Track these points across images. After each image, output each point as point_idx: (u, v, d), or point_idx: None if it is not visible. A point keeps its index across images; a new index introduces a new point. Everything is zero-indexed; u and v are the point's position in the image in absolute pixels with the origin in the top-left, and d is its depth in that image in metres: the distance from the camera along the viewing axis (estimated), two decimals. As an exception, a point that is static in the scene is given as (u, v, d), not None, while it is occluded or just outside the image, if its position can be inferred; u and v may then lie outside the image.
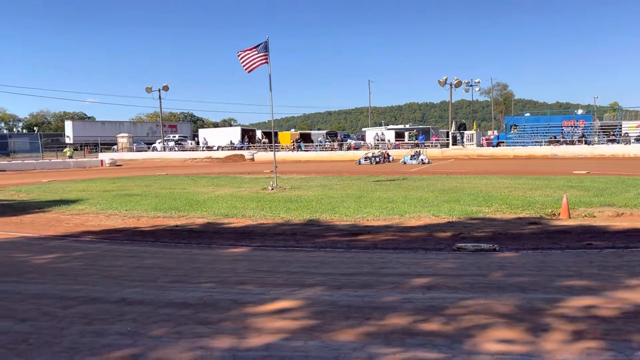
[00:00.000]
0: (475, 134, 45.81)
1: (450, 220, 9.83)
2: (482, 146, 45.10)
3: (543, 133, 45.04)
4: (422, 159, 33.01)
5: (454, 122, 47.54)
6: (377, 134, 52.34)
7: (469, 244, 7.34)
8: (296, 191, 16.12)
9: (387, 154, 36.55)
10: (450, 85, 47.70)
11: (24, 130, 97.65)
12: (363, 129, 65.46)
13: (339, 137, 56.05)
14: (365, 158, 35.15)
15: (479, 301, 4.64)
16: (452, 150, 42.99)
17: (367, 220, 10.07)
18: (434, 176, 21.27)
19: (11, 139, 62.60)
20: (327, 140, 52.44)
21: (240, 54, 16.24)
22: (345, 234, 8.74)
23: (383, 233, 8.79)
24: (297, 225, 9.78)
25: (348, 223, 9.81)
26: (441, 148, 44.34)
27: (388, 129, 56.04)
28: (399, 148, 45.93)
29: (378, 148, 41.33)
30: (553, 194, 13.18)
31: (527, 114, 56.99)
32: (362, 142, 53.15)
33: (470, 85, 56.04)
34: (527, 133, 45.63)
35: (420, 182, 18.31)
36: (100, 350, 3.72)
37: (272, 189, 16.46)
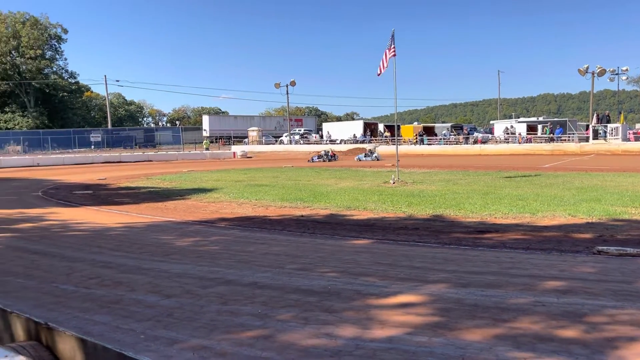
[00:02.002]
0: (620, 127, 41.34)
1: (590, 220, 9.02)
2: (629, 140, 40.59)
3: None
4: (375, 157, 34.25)
5: (595, 114, 43.36)
6: (507, 127, 49.50)
7: (612, 248, 6.68)
8: (418, 185, 15.87)
9: (333, 152, 36.67)
10: (592, 74, 43.58)
11: (168, 124, 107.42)
12: (491, 122, 62.29)
13: (464, 130, 53.97)
14: (319, 156, 35.21)
15: (624, 310, 4.22)
16: (593, 145, 39.28)
17: (495, 217, 9.61)
18: (571, 173, 19.62)
19: (157, 132, 69.28)
20: (452, 134, 50.79)
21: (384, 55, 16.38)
22: (471, 232, 8.43)
23: (512, 232, 8.33)
24: (419, 220, 9.64)
25: (474, 220, 9.44)
26: (580, 142, 40.73)
27: (519, 122, 52.70)
28: (530, 142, 43.05)
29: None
30: None
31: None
32: (489, 135, 50.64)
33: (616, 74, 50.56)
34: (685, 126, 40.12)
35: (555, 179, 17.01)
36: (235, 328, 4.01)
37: (394, 183, 16.38)
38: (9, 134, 55.11)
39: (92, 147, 54.06)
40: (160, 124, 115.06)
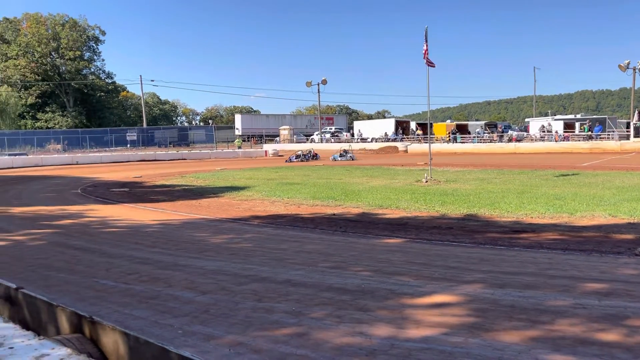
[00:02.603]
0: (663, 125, 39.86)
1: (632, 221, 8.73)
2: (673, 138, 39.06)
3: None
4: (350, 156, 34.01)
5: (636, 111, 41.90)
6: (542, 125, 48.36)
7: (656, 250, 6.45)
8: (452, 184, 15.67)
9: (315, 152, 36.04)
10: (634, 69, 42.06)
11: (201, 123, 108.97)
12: (526, 120, 60.97)
13: (499, 128, 53.00)
14: (296, 156, 34.55)
15: (669, 315, 4.07)
16: (634, 143, 37.98)
17: (531, 217, 9.40)
18: (611, 172, 19.03)
19: (191, 131, 70.42)
20: (486, 132, 49.94)
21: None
22: (507, 231, 8.27)
23: (549, 232, 8.14)
24: (453, 220, 9.52)
25: (510, 220, 9.27)
26: (620, 140, 39.45)
27: (556, 120, 51.40)
28: (567, 140, 41.94)
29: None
30: None
31: None
32: (525, 133, 49.58)
33: (659, 69, 48.70)
34: None
35: (594, 178, 16.53)
36: (269, 325, 4.05)
37: (427, 182, 16.21)
38: (49, 133, 56.95)
39: (128, 145, 55.37)
40: (193, 122, 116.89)
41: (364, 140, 53.19)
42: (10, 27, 72.06)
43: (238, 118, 73.36)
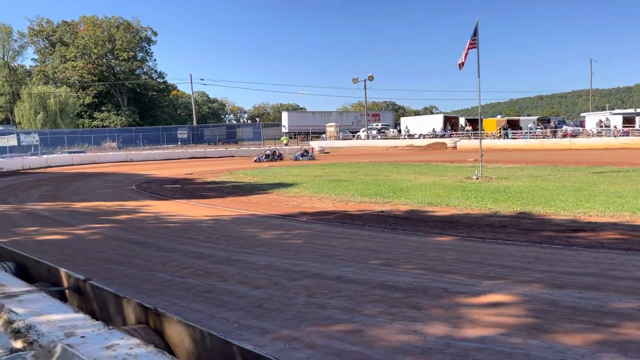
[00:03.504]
0: None
1: (701, 221, 8.25)
2: None
3: None
4: (311, 156, 33.96)
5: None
6: (600, 119, 46.32)
7: None
8: (504, 181, 15.26)
9: (280, 153, 34.75)
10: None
11: (248, 121, 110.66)
12: (582, 114, 58.55)
13: (552, 124, 51.14)
14: (266, 156, 33.39)
15: None
16: (700, 138, 35.84)
17: (589, 216, 9.03)
18: (675, 168, 18.02)
19: (239, 129, 71.60)
20: (539, 127, 48.28)
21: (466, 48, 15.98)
22: (563, 230, 7.98)
23: (609, 231, 7.79)
24: (506, 218, 9.27)
25: (566, 218, 8.94)
26: (684, 135, 37.29)
27: (614, 114, 49.12)
28: (627, 135, 40.01)
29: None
30: None
31: None
32: (580, 128, 47.63)
33: None
34: None
35: (657, 174, 15.70)
36: (323, 321, 4.07)
37: (477, 178, 15.86)
38: (105, 132, 59.29)
39: (179, 143, 56.92)
40: (241, 120, 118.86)
41: (411, 136, 52.55)
42: (69, 30, 75.36)
43: (285, 115, 73.98)
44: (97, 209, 12.35)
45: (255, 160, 32.60)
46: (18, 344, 2.30)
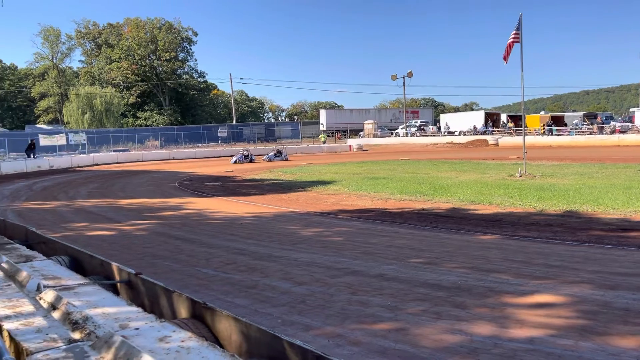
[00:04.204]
0: None
1: None
2: None
3: None
4: (284, 156, 33.23)
5: None
6: (651, 114, 44.34)
7: None
8: (548, 179, 14.83)
9: (251, 154, 32.89)
10: None
11: (286, 119, 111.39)
12: (631, 109, 56.17)
13: (599, 119, 49.34)
14: (245, 157, 31.77)
15: None
16: None
17: (642, 214, 8.68)
18: None
19: (277, 127, 72.16)
20: (585, 123, 46.67)
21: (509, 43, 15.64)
22: (613, 229, 7.70)
23: (664, 231, 7.47)
24: (552, 216, 9.01)
25: (616, 217, 8.62)
26: None
27: (665, 109, 46.95)
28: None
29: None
30: None
31: None
32: (630, 124, 45.76)
33: None
34: None
35: None
36: (366, 319, 4.06)
37: (520, 176, 15.48)
38: (148, 130, 60.84)
39: (219, 141, 57.83)
40: (279, 119, 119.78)
41: (451, 133, 51.72)
42: (114, 32, 77.70)
43: (323, 113, 74.09)
44: (142, 205, 12.70)
45: (232, 162, 30.86)
46: (76, 335, 2.39)
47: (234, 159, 31.74)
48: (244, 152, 32.75)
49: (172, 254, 6.88)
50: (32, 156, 31.55)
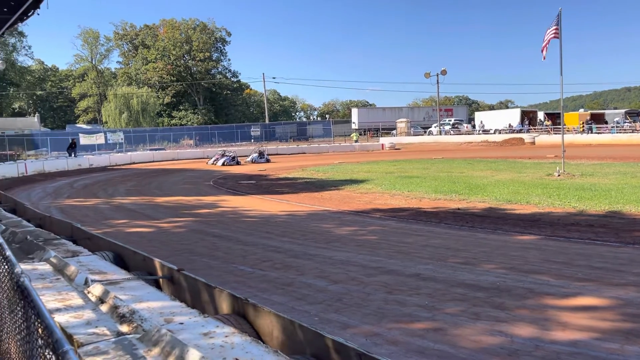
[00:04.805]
0: None
1: None
2: None
3: None
4: (266, 158, 31.97)
5: None
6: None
7: None
8: (588, 178, 14.42)
9: (233, 156, 30.78)
10: None
11: (318, 118, 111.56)
12: (676, 106, 54.04)
13: (642, 117, 47.60)
14: (231, 159, 29.90)
15: None
16: None
17: (689, 215, 8.35)
18: None
19: (309, 126, 72.35)
20: (627, 121, 45.14)
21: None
22: (659, 230, 7.43)
23: None
24: (593, 217, 8.76)
25: (662, 218, 8.32)
26: None
27: None
28: None
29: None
30: None
31: None
32: (674, 122, 44.01)
33: None
34: None
35: None
36: (403, 318, 4.04)
37: (559, 175, 15.09)
38: (183, 130, 61.92)
39: (252, 140, 58.38)
40: (311, 117, 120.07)
41: (486, 132, 50.81)
42: (150, 33, 79.35)
43: (355, 112, 73.85)
44: (178, 203, 12.95)
45: (211, 163, 29.66)
46: (124, 328, 2.47)
47: (222, 160, 29.51)
48: (230, 154, 30.92)
49: (209, 250, 6.99)
50: (73, 155, 32.54)
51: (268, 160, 31.82)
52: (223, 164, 28.96)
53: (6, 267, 2.40)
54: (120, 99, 63.46)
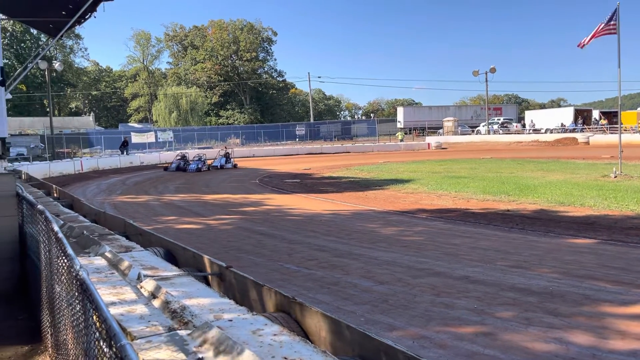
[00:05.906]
0: None
1: None
2: None
3: None
4: (233, 164, 27.33)
5: None
6: None
7: None
8: (648, 180, 13.73)
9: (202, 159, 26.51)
10: None
11: (363, 117, 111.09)
12: None
13: None
14: (196, 161, 25.66)
15: None
16: None
17: None
18: None
19: (354, 125, 72.17)
20: (689, 120, 42.68)
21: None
22: None
23: None
24: (653, 220, 8.33)
25: None
26: None
27: None
28: None
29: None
30: None
31: None
32: None
33: None
34: None
35: None
36: (451, 322, 3.96)
37: (616, 177, 14.44)
38: (230, 129, 63.06)
39: (297, 139, 58.81)
40: (356, 117, 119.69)
41: (536, 131, 49.24)
42: (199, 34, 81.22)
43: (400, 111, 73.12)
44: (225, 201, 13.19)
45: (168, 169, 25.66)
46: (175, 324, 2.52)
47: (194, 165, 24.86)
48: (196, 158, 26.39)
49: (256, 248, 7.08)
50: (125, 153, 33.73)
51: (235, 166, 27.06)
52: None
53: (65, 261, 2.50)
54: (169, 98, 65.33)
